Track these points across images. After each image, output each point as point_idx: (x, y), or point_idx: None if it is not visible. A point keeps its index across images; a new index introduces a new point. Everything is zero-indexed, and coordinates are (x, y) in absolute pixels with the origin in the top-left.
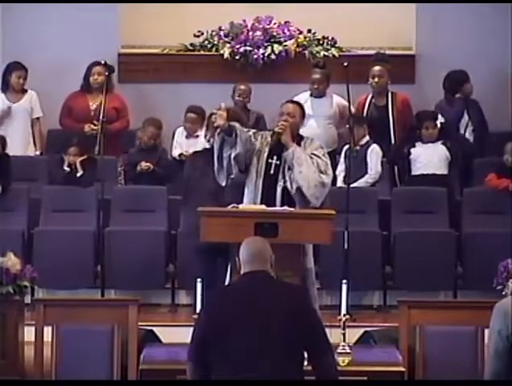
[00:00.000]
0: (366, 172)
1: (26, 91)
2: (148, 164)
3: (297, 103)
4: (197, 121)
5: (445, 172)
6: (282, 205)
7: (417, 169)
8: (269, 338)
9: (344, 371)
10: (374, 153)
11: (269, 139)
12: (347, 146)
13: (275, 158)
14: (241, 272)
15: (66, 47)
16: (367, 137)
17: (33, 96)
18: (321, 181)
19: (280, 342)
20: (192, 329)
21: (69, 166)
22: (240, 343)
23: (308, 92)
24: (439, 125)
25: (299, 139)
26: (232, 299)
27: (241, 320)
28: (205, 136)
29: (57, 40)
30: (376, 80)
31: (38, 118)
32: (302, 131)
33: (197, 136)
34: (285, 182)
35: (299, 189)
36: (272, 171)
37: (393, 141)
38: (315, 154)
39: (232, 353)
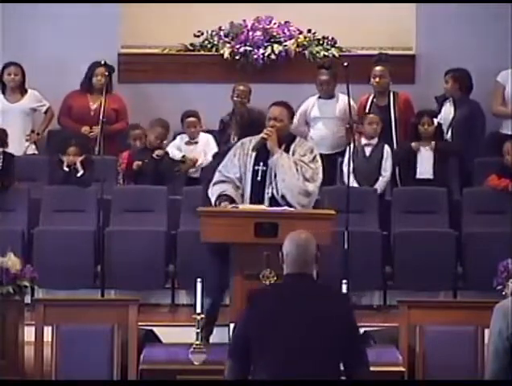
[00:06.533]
0: (379, 173)
1: (26, 91)
2: (138, 163)
3: (284, 104)
4: (196, 122)
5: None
6: None
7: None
8: (309, 341)
9: None
10: (389, 155)
11: (255, 144)
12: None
13: (261, 164)
14: (285, 269)
15: (66, 47)
16: (376, 139)
17: (34, 94)
18: (305, 189)
19: (319, 346)
20: (191, 329)
21: (68, 166)
22: (280, 344)
23: (315, 96)
24: (436, 123)
25: (290, 140)
26: (275, 300)
27: (284, 321)
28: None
29: (57, 40)
30: (377, 79)
31: (47, 111)
32: (311, 134)
33: (196, 142)
34: (272, 188)
35: (283, 197)
36: (259, 178)
37: (395, 141)
38: (302, 161)
39: (272, 353)
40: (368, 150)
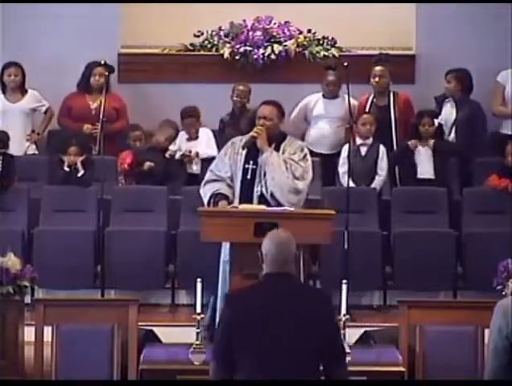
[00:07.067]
0: (375, 172)
1: (26, 91)
2: (151, 164)
3: (274, 103)
4: (195, 122)
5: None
6: None
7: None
8: (290, 340)
9: None
10: (385, 155)
11: (244, 142)
12: (347, 146)
13: (251, 162)
14: (264, 269)
15: (66, 47)
16: (371, 139)
17: (34, 94)
18: (295, 187)
19: (301, 345)
20: (191, 329)
21: (69, 166)
22: (262, 344)
23: (320, 93)
24: (436, 124)
25: (280, 139)
26: (256, 300)
27: (264, 321)
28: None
29: (57, 40)
30: (377, 79)
31: (47, 111)
32: (311, 132)
33: (197, 137)
34: (261, 187)
35: (272, 195)
36: (249, 176)
37: (395, 141)
38: (292, 159)
39: (254, 353)
40: (363, 150)
